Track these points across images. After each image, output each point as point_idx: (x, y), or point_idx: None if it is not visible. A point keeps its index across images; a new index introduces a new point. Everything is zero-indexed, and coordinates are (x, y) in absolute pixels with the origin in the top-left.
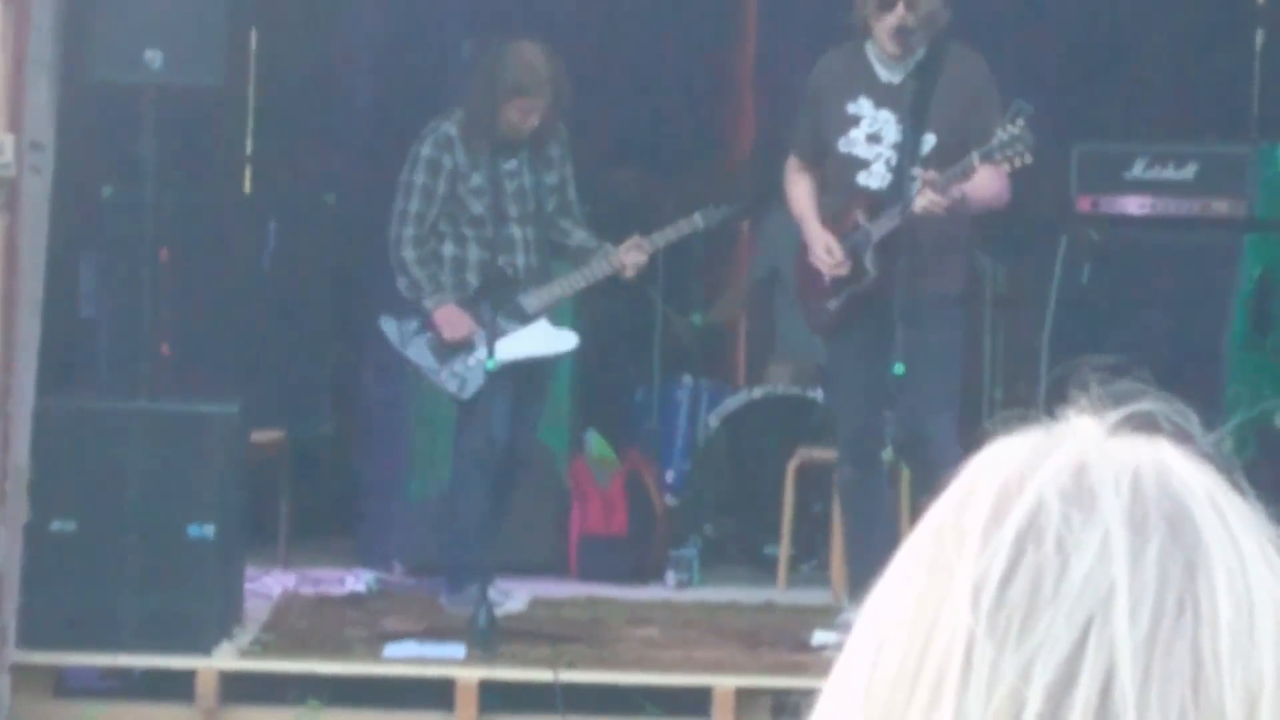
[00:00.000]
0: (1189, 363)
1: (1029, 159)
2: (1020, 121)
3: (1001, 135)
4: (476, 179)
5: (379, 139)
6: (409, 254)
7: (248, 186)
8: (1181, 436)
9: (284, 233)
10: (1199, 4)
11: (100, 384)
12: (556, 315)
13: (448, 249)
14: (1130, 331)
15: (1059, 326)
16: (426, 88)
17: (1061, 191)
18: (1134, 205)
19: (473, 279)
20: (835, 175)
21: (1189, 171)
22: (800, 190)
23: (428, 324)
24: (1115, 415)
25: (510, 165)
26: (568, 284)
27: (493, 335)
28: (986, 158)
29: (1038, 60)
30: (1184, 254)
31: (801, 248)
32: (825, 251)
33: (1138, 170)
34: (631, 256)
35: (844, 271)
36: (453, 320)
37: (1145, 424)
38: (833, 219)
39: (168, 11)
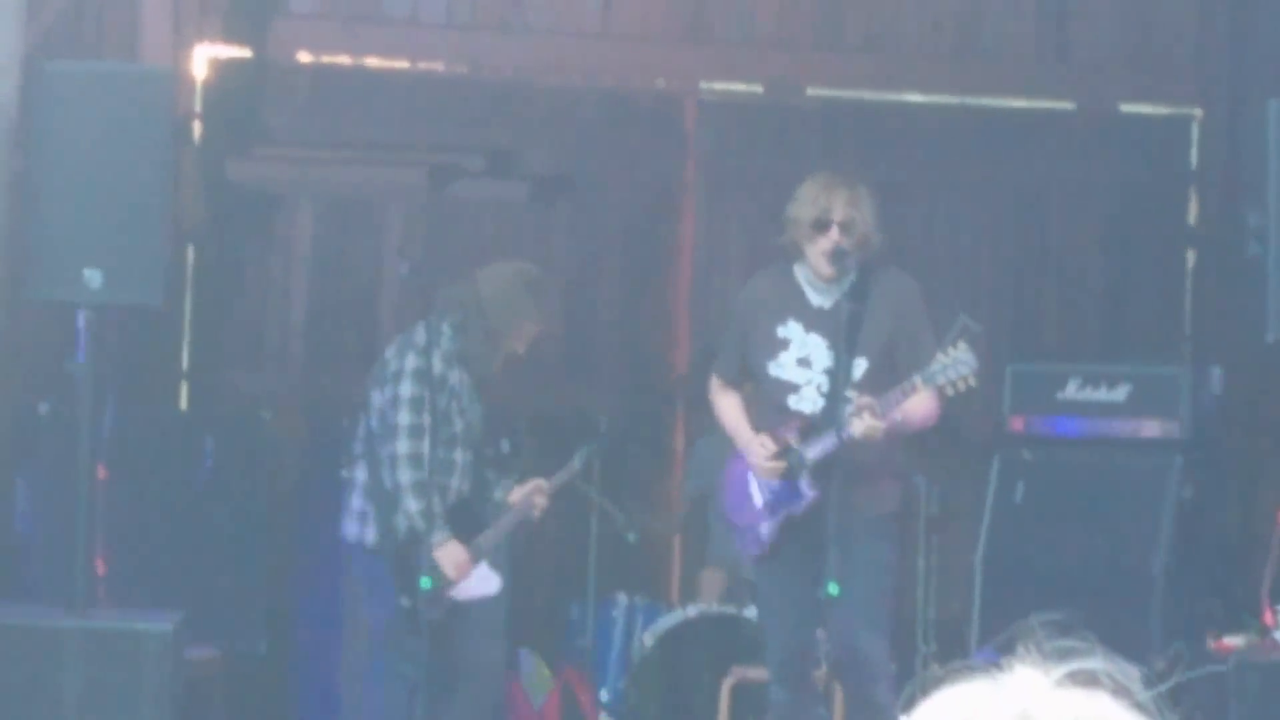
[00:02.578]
0: (1120, 583)
1: (973, 383)
2: (963, 344)
3: (943, 359)
4: (465, 399)
5: (315, 356)
6: (410, 476)
7: (184, 403)
8: (1121, 692)
9: (220, 449)
10: (1131, 224)
11: (36, 600)
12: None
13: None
14: (1063, 552)
15: (992, 546)
16: (361, 306)
17: (994, 411)
18: (1067, 426)
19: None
20: (765, 398)
21: (1121, 393)
22: (728, 404)
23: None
24: (1060, 670)
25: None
26: (503, 527)
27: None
28: (929, 380)
29: (970, 280)
30: (1116, 474)
31: (728, 473)
32: (760, 447)
33: (1070, 391)
34: (539, 501)
35: (780, 466)
36: (460, 559)
37: (1088, 680)
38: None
39: (107, 230)
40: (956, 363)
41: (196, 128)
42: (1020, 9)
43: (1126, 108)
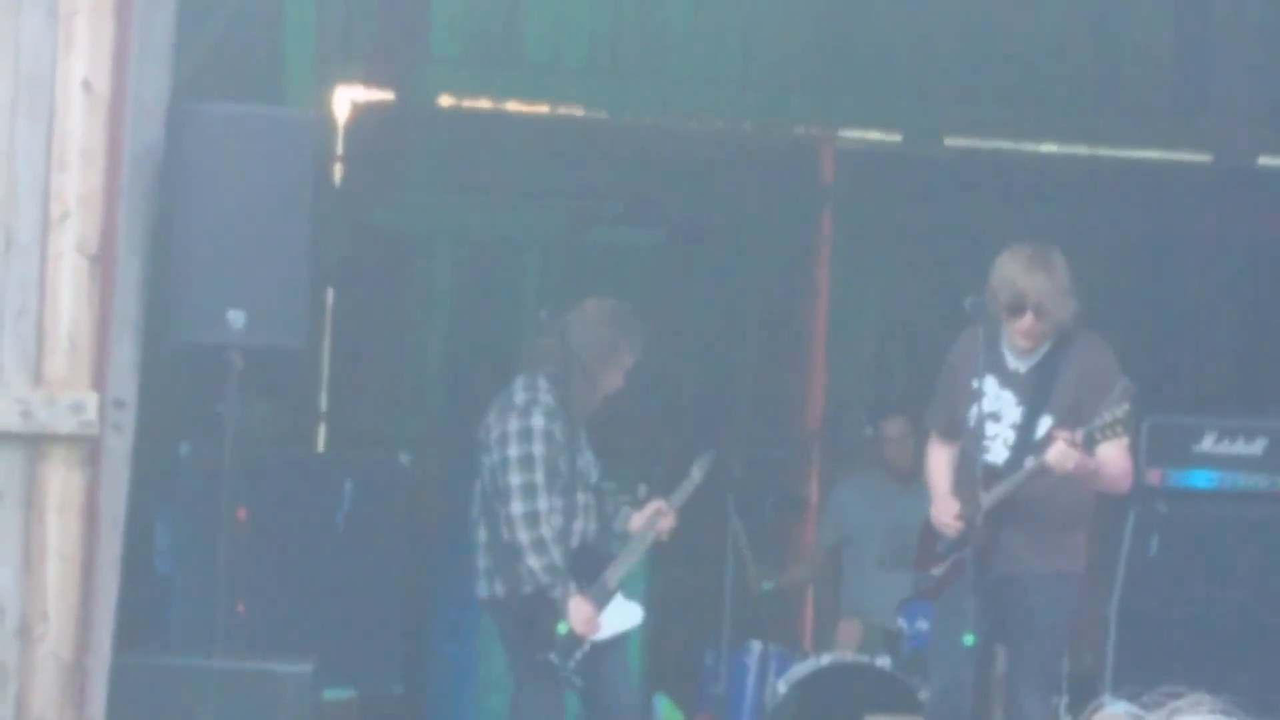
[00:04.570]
0: (1256, 638)
1: (1121, 431)
2: (1126, 406)
3: (1106, 416)
4: (571, 447)
5: (454, 400)
6: (548, 532)
7: (321, 445)
8: None
9: (359, 492)
10: (1267, 277)
11: (175, 640)
12: (629, 582)
13: (555, 520)
14: (1198, 605)
15: (1127, 599)
16: (500, 349)
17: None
18: (1203, 479)
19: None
20: (963, 449)
21: (1258, 446)
22: (935, 460)
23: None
24: None
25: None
26: (632, 555)
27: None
28: (1088, 438)
29: (1105, 333)
30: (1252, 528)
31: (925, 521)
32: (946, 506)
33: (1207, 444)
34: (665, 524)
35: (959, 525)
36: (586, 614)
37: None
38: (959, 493)
39: (251, 272)
40: (1115, 421)
41: (338, 170)
42: (1158, 61)
43: (1264, 161)
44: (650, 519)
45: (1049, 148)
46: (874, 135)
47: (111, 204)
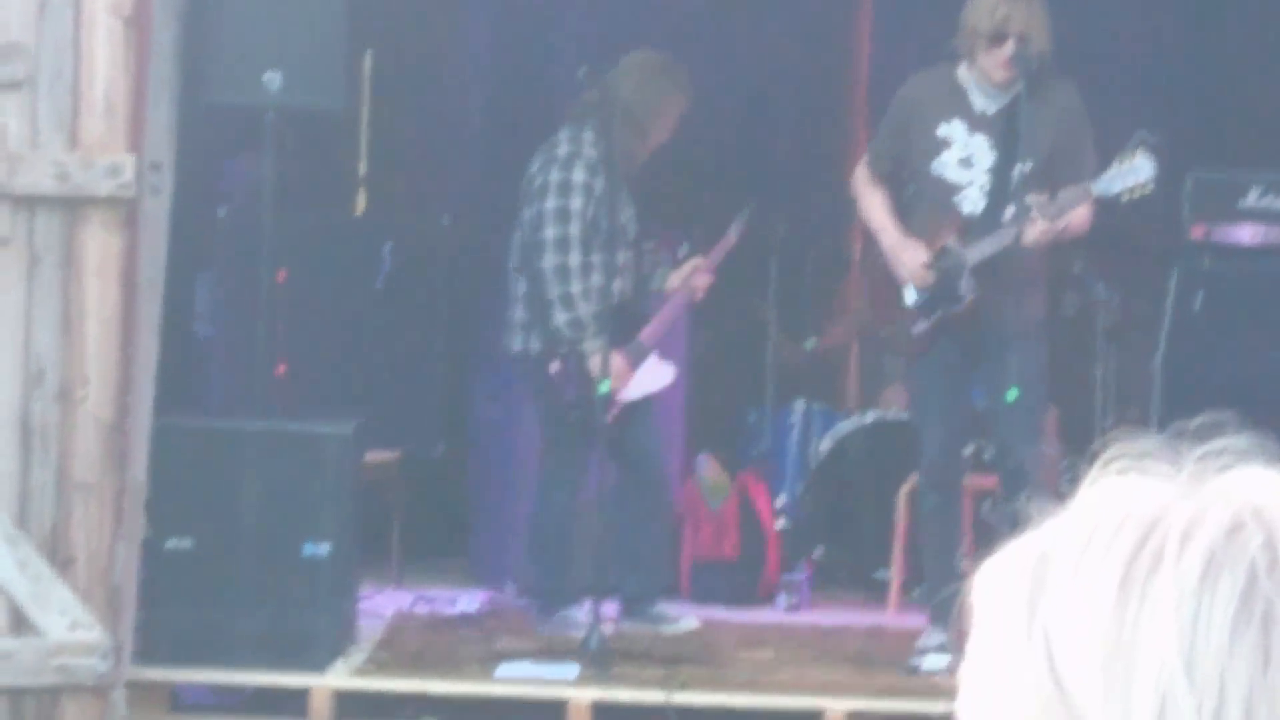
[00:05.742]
0: None
1: (1149, 190)
2: (1140, 153)
3: (1118, 166)
4: (614, 202)
5: (494, 161)
6: (576, 287)
7: (361, 208)
8: None
9: (399, 254)
10: None
11: (216, 403)
12: (667, 340)
13: (595, 279)
14: (1242, 361)
15: (1171, 355)
16: (541, 111)
17: (1174, 220)
18: (1247, 234)
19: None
20: (927, 197)
21: None
22: (875, 201)
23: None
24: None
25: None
26: (669, 316)
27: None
28: (1103, 189)
29: (1152, 87)
30: None
31: (876, 266)
32: (912, 253)
33: (1251, 199)
34: (701, 280)
35: (929, 279)
36: (619, 370)
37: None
38: (922, 241)
39: (288, 33)
40: (1134, 169)
41: None
42: None
43: None
44: (687, 276)
45: None
46: None
47: None
